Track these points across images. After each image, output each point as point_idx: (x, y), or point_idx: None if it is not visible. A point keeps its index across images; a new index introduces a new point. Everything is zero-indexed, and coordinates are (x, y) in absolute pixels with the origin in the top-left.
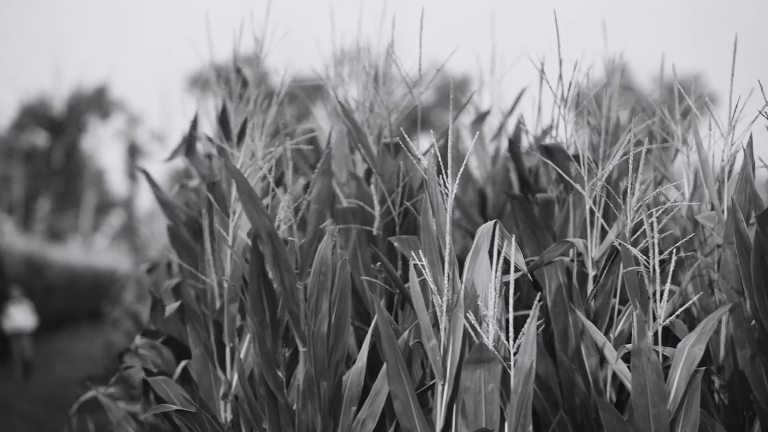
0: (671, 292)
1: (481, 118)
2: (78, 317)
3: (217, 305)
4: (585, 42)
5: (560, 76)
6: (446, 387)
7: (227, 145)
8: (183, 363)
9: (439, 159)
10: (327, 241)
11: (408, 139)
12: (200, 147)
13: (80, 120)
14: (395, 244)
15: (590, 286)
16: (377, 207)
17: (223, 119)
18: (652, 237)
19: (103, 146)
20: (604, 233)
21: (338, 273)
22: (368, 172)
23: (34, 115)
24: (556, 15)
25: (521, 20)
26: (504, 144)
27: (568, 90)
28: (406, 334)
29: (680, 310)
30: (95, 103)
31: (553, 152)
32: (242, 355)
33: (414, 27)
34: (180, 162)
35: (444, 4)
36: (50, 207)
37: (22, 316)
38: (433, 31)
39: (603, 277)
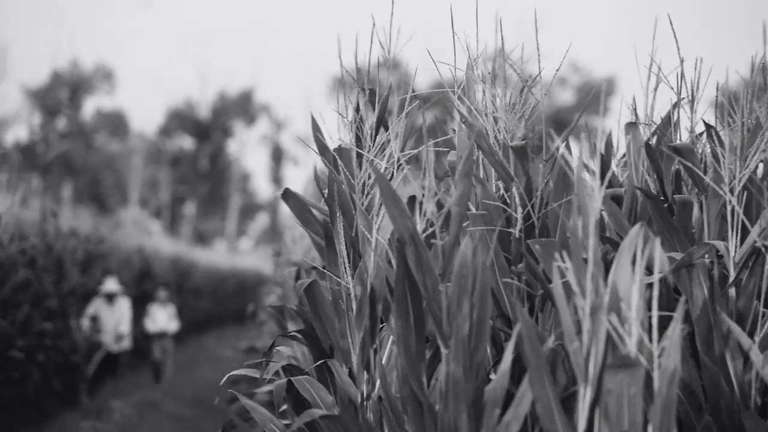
0: None
1: (633, 122)
2: (223, 319)
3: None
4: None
5: (681, 76)
6: (588, 389)
7: (364, 148)
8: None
9: (592, 162)
10: (467, 244)
11: (554, 141)
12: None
13: (225, 125)
14: (536, 247)
15: (731, 289)
16: (519, 210)
17: (359, 123)
18: None
19: (248, 151)
20: (742, 235)
21: (479, 276)
22: (501, 176)
23: (180, 119)
24: (671, 18)
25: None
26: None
27: (703, 90)
28: (550, 340)
29: None
30: (240, 108)
31: (683, 153)
32: (384, 357)
33: (555, 30)
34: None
35: (585, 5)
36: (196, 210)
37: (164, 319)
38: (574, 31)
39: (745, 279)
